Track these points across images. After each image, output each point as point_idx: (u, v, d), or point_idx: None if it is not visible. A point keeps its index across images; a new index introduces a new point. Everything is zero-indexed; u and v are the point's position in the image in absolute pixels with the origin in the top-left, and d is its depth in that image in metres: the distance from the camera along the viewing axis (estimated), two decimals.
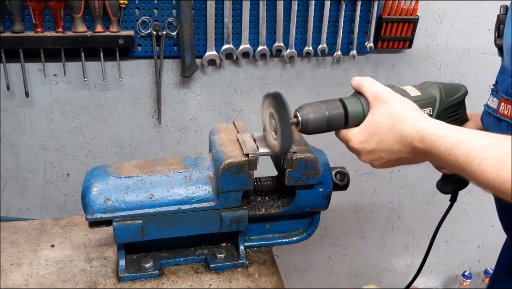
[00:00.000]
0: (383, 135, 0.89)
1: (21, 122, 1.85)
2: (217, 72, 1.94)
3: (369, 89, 0.93)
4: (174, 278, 1.18)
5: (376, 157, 0.93)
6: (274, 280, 1.19)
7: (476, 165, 0.74)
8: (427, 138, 0.83)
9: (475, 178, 0.75)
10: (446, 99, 1.01)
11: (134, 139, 1.99)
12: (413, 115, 0.88)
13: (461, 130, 0.81)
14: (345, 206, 2.45)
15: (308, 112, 0.95)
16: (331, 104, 0.96)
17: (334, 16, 1.91)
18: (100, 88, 1.86)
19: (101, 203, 1.06)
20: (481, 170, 0.73)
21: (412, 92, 0.99)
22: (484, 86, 2.33)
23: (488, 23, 2.14)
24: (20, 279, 1.15)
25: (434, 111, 0.99)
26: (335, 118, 0.95)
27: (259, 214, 1.20)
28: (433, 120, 0.86)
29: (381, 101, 0.90)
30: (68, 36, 1.67)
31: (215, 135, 1.17)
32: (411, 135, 0.85)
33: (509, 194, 0.70)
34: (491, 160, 0.72)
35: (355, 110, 0.95)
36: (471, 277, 2.73)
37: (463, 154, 0.76)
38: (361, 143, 0.92)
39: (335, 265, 2.65)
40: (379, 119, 0.90)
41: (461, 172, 0.79)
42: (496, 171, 0.71)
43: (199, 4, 1.76)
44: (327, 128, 0.96)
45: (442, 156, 0.80)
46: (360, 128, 0.93)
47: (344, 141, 0.97)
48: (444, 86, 1.02)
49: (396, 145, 0.88)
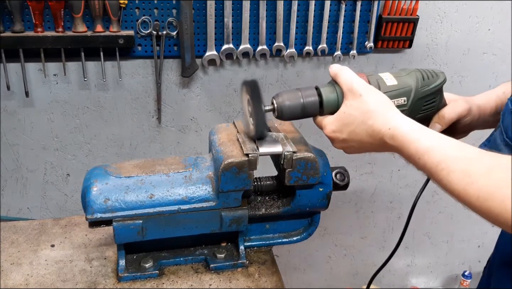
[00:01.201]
0: (355, 128, 0.92)
1: (21, 122, 1.85)
2: (217, 72, 1.94)
3: (344, 80, 0.96)
4: (174, 278, 1.18)
5: (347, 146, 0.97)
6: (274, 280, 1.19)
7: (444, 174, 0.76)
8: (398, 138, 0.85)
9: (441, 186, 0.78)
10: (422, 89, 1.02)
11: (134, 139, 1.99)
12: (385, 111, 0.90)
13: (432, 136, 0.83)
14: (345, 206, 2.45)
15: (284, 100, 0.98)
16: (307, 91, 0.99)
17: (334, 16, 1.91)
18: (100, 88, 1.86)
19: (101, 203, 1.06)
20: (448, 180, 0.76)
21: (389, 81, 1.00)
22: (484, 86, 2.33)
23: (488, 23, 2.14)
24: (20, 279, 1.15)
25: (408, 101, 1.00)
26: (309, 106, 0.98)
27: (259, 214, 1.20)
28: (405, 120, 0.88)
29: (355, 94, 0.92)
30: (68, 36, 1.67)
31: (215, 135, 1.17)
32: (382, 132, 0.88)
33: (474, 208, 0.72)
34: (459, 173, 0.74)
35: (329, 99, 0.98)
36: (471, 277, 2.73)
37: (433, 161, 0.79)
38: (333, 132, 0.96)
39: (335, 265, 2.65)
40: (351, 112, 0.93)
41: (428, 175, 0.82)
42: (463, 186, 0.73)
43: (199, 4, 1.76)
44: (302, 115, 0.99)
45: (411, 158, 0.84)
46: (333, 118, 0.96)
47: (319, 127, 1.01)
48: (422, 74, 1.03)
49: (367, 138, 0.91)
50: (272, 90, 2.04)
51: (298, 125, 1.17)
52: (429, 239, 2.69)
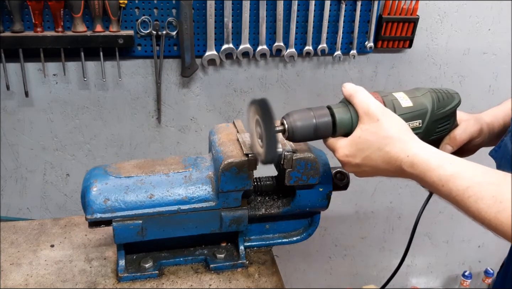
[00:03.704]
0: (370, 153, 0.88)
1: (21, 122, 1.84)
2: (217, 72, 1.94)
3: (360, 102, 0.91)
4: (174, 278, 1.17)
5: (360, 170, 0.93)
6: (274, 280, 1.19)
7: (472, 202, 0.74)
8: (418, 166, 0.82)
9: (469, 213, 0.75)
10: (438, 111, 0.98)
11: (134, 139, 1.99)
12: (403, 137, 0.86)
13: (454, 161, 0.80)
14: (345, 206, 2.44)
15: (295, 120, 0.92)
16: (319, 111, 0.93)
17: (334, 15, 1.91)
18: (99, 88, 1.85)
19: (100, 203, 1.06)
20: (477, 208, 0.73)
21: (404, 102, 0.96)
22: (484, 86, 2.34)
23: (488, 23, 2.14)
24: (19, 279, 1.15)
25: (423, 124, 0.97)
26: (322, 127, 0.93)
27: (259, 214, 1.20)
28: (423, 146, 0.85)
29: (372, 118, 0.88)
30: (68, 36, 1.67)
31: (215, 135, 1.17)
32: (400, 159, 0.84)
33: (507, 235, 0.70)
34: (488, 200, 0.72)
35: (343, 120, 0.93)
36: (471, 277, 2.73)
37: (458, 189, 0.76)
38: (346, 157, 0.92)
39: (335, 265, 2.65)
40: (367, 137, 0.88)
41: (454, 204, 0.78)
42: (494, 212, 0.71)
43: (199, 4, 1.76)
44: (314, 136, 0.94)
45: (434, 186, 0.80)
46: (347, 141, 0.92)
47: (331, 150, 0.97)
48: (437, 95, 0.99)
49: (383, 164, 0.88)
50: (272, 90, 2.04)
51: None
52: (429, 239, 2.69)
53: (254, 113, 0.93)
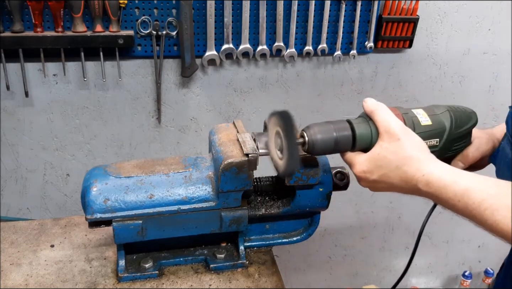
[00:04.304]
0: (388, 172, 0.89)
1: (21, 122, 1.84)
2: (217, 72, 1.94)
3: (382, 120, 0.91)
4: (174, 278, 1.17)
5: (375, 186, 0.93)
6: (274, 280, 1.19)
7: (489, 214, 0.74)
8: (433, 184, 0.82)
9: (487, 226, 0.75)
10: (455, 130, 0.99)
11: (134, 139, 1.99)
12: (421, 157, 0.87)
13: (468, 176, 0.81)
14: (345, 206, 2.44)
15: (316, 133, 0.92)
16: (339, 125, 0.94)
17: (334, 15, 1.91)
18: (99, 88, 1.85)
19: (100, 203, 1.06)
20: (495, 220, 0.73)
21: (423, 120, 0.96)
22: (484, 86, 2.34)
23: (488, 23, 2.14)
24: (19, 279, 1.15)
25: (441, 142, 0.98)
26: (342, 140, 0.93)
27: (259, 214, 1.20)
28: (439, 164, 0.85)
29: (393, 137, 0.88)
30: (68, 36, 1.66)
31: (215, 135, 1.17)
32: (416, 178, 0.85)
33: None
34: (504, 210, 0.72)
35: (363, 136, 0.93)
36: (471, 277, 2.73)
37: (474, 202, 0.76)
38: (363, 173, 0.92)
39: (335, 265, 2.65)
40: (386, 156, 0.88)
41: (470, 218, 0.78)
42: (511, 222, 0.71)
43: (199, 4, 1.76)
44: (334, 150, 0.94)
45: (450, 202, 0.80)
46: (365, 158, 0.92)
47: (348, 164, 0.97)
48: (455, 114, 1.00)
49: (399, 183, 0.88)
50: (272, 90, 2.04)
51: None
52: (429, 239, 2.69)
53: (274, 125, 0.93)
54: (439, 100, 1.68)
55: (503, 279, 1.15)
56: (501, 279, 1.17)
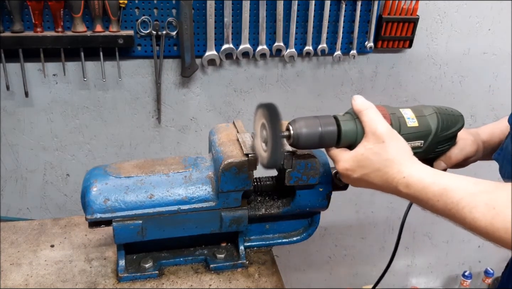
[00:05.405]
0: (369, 172, 0.90)
1: (21, 122, 1.84)
2: (217, 72, 1.94)
3: (369, 121, 0.91)
4: (174, 278, 1.17)
5: (357, 184, 0.96)
6: (274, 280, 1.19)
7: (467, 212, 0.75)
8: (413, 186, 0.84)
9: (466, 224, 0.76)
10: (441, 133, 1.00)
11: (134, 139, 1.99)
12: (403, 160, 0.88)
13: (447, 176, 0.82)
14: (345, 206, 2.44)
15: (301, 126, 0.92)
16: (325, 120, 0.94)
17: (334, 15, 1.91)
18: (99, 88, 1.85)
19: (100, 203, 1.06)
20: (473, 218, 0.74)
21: (410, 121, 0.97)
22: (484, 86, 2.34)
23: (488, 23, 2.14)
24: (19, 279, 1.15)
25: (425, 144, 0.98)
26: (327, 136, 0.93)
27: (259, 214, 1.20)
28: (419, 166, 0.87)
29: (378, 139, 0.89)
30: (68, 36, 1.66)
31: (215, 135, 1.17)
32: (396, 180, 0.87)
33: (504, 242, 0.71)
34: (482, 208, 0.73)
35: (348, 133, 0.94)
36: (471, 277, 2.73)
37: (452, 201, 0.77)
38: (346, 170, 0.94)
39: (335, 265, 2.65)
40: (369, 156, 0.90)
41: (450, 218, 0.79)
42: (489, 220, 0.72)
43: (199, 4, 1.75)
44: (319, 144, 0.95)
45: (430, 202, 0.82)
46: (349, 156, 0.93)
47: (332, 160, 0.99)
48: (443, 116, 1.00)
49: (380, 183, 0.90)
50: (272, 90, 2.04)
51: None
52: (429, 239, 2.69)
53: (260, 117, 0.94)
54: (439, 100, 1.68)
55: (507, 279, 1.15)
56: (506, 279, 1.17)
